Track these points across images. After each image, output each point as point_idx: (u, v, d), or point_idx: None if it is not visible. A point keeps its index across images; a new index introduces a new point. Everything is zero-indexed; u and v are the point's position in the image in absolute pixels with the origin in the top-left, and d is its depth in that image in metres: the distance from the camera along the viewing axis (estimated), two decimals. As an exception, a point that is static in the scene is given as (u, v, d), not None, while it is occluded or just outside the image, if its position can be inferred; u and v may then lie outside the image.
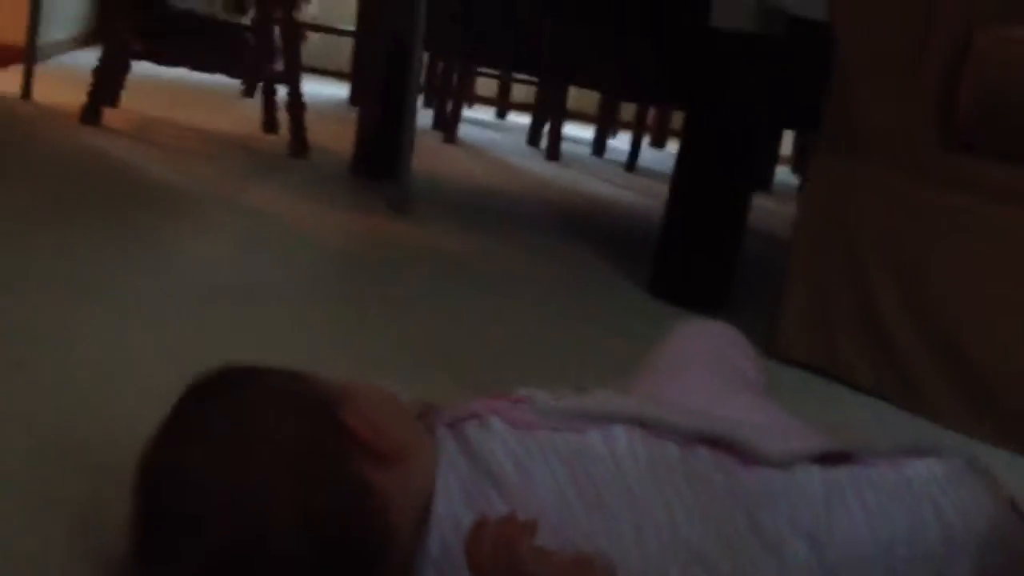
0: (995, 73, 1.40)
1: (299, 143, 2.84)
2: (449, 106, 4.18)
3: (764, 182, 4.15)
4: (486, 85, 5.80)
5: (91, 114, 2.66)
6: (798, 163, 5.09)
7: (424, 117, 4.22)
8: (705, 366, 0.95)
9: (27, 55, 2.92)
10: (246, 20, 3.09)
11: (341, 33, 5.17)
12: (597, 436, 0.75)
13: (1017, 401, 1.35)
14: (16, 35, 3.08)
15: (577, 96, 4.94)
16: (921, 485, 0.79)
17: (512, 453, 0.72)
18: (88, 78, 2.67)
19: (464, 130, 4.28)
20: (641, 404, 0.81)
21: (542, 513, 0.69)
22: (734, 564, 0.74)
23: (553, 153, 4.09)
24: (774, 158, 4.47)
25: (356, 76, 4.67)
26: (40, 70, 3.00)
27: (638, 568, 0.70)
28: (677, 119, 4.27)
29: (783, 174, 4.79)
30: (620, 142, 5.10)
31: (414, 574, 0.67)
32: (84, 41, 4.57)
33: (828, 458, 0.82)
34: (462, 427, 0.75)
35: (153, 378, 1.04)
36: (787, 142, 4.95)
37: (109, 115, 2.77)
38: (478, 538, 0.59)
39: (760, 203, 2.35)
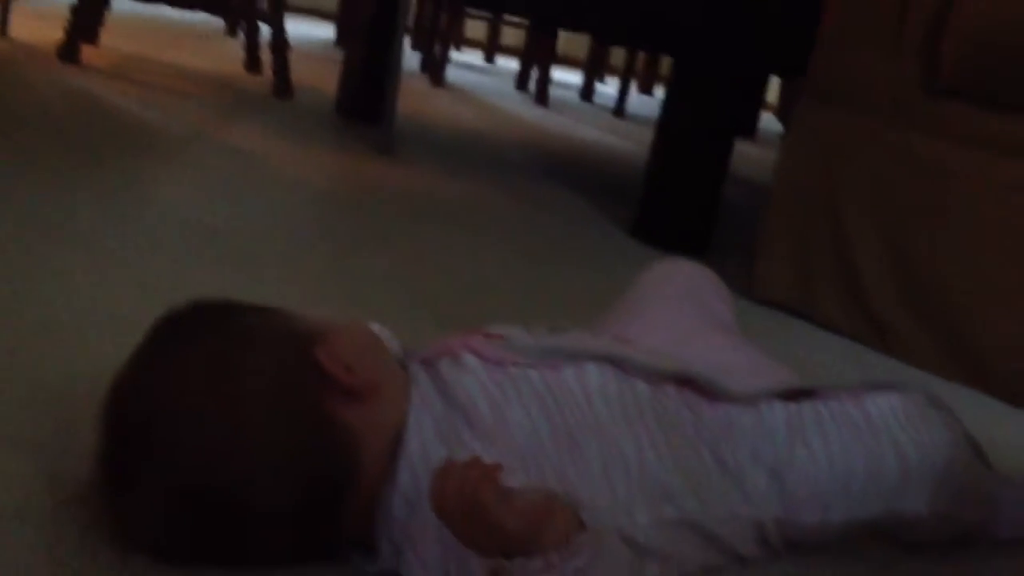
0: (980, 19, 1.40)
1: (283, 83, 2.81)
2: (437, 49, 4.14)
3: (749, 129, 4.15)
4: (475, 28, 5.75)
5: (69, 52, 2.62)
6: (783, 110, 5.08)
7: (411, 59, 4.19)
8: (677, 305, 0.95)
9: (5, -9, 2.88)
10: (229, -43, 3.05)
11: (327, -27, 5.10)
12: (570, 373, 0.76)
13: (990, 344, 1.37)
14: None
15: (566, 41, 4.90)
16: (880, 420, 0.81)
17: (485, 389, 0.72)
18: (66, 14, 2.63)
19: (452, 73, 4.25)
20: (613, 343, 0.82)
21: (513, 449, 0.69)
22: (699, 498, 0.75)
23: (541, 98, 4.07)
24: (759, 105, 4.46)
25: (343, 16, 4.63)
26: (17, 6, 2.95)
27: (607, 503, 0.71)
28: (666, 65, 4.25)
29: (768, 121, 4.78)
30: (608, 88, 5.08)
31: (385, 508, 0.68)
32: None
33: (792, 394, 0.83)
34: (436, 363, 0.76)
35: (130, 317, 1.04)
36: (773, 89, 4.93)
37: (88, 53, 2.74)
38: (442, 482, 0.59)
39: (744, 149, 2.35)
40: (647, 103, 4.82)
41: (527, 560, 0.58)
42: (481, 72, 5.08)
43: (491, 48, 5.60)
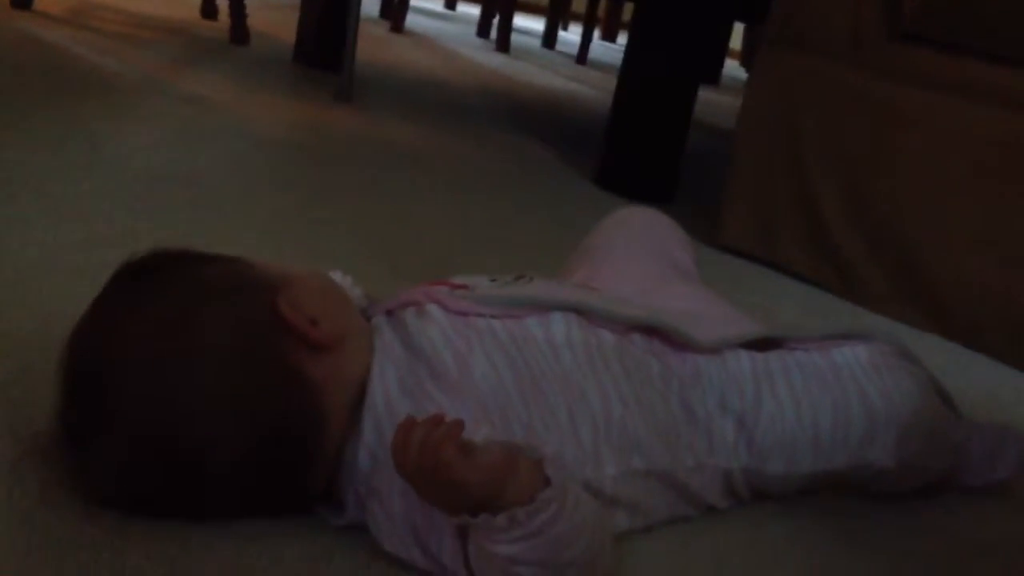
0: (943, -37, 1.39)
1: (240, 30, 2.76)
2: (396, -6, 4.08)
3: (712, 75, 4.14)
4: (435, -26, 5.67)
5: (22, -3, 2.56)
6: (747, 57, 5.07)
7: (371, 5, 4.13)
8: (640, 253, 0.95)
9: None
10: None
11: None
12: (535, 323, 0.75)
13: (950, 289, 1.38)
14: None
15: (527, -14, 4.85)
16: (847, 370, 0.81)
17: (449, 340, 0.71)
18: (18, -41, 2.56)
19: (412, 19, 4.20)
20: (579, 292, 0.81)
21: (478, 400, 0.69)
22: (666, 447, 0.75)
23: (503, 45, 4.03)
24: (723, 51, 4.45)
25: (300, -38, 4.53)
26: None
27: (573, 454, 0.71)
28: (628, 11, 4.22)
29: (732, 68, 4.77)
30: (571, 34, 5.04)
31: (349, 461, 0.67)
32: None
33: (759, 343, 0.83)
34: (399, 314, 0.75)
35: (85, 266, 1.03)
36: (737, 36, 4.91)
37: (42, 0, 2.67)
38: (403, 442, 0.59)
39: (708, 96, 2.34)
40: (610, 50, 4.79)
41: (491, 516, 0.58)
42: (442, 18, 5.02)
43: (452, -6, 5.53)
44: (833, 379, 0.80)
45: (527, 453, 0.61)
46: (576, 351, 0.75)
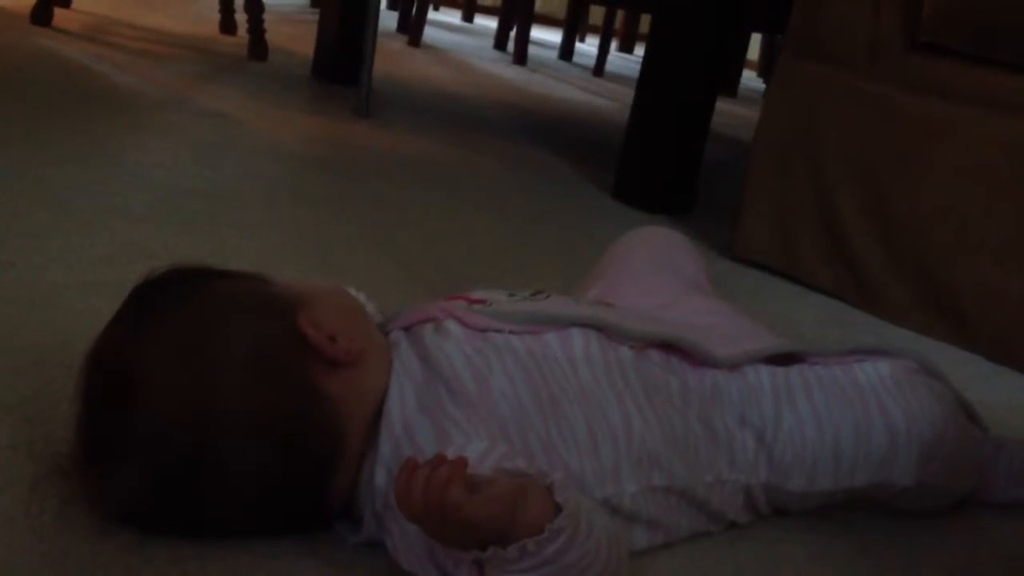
0: (961, -27, 1.39)
1: (258, 45, 2.77)
2: (414, 8, 4.09)
3: (730, 86, 4.13)
4: (452, -13, 5.69)
5: (42, 14, 2.58)
6: (764, 68, 5.06)
7: (388, 19, 4.14)
8: (656, 270, 0.95)
9: (-26, -48, 2.82)
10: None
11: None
12: (553, 339, 0.75)
13: (972, 300, 1.37)
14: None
15: (545, -1, 4.85)
16: (870, 387, 0.80)
17: (468, 357, 0.71)
18: (38, -23, 2.58)
19: (429, 33, 4.21)
20: (596, 308, 0.81)
21: (496, 418, 0.69)
22: (685, 463, 0.74)
23: (520, 57, 4.03)
24: (740, 62, 4.44)
25: (318, -23, 4.56)
26: (-12, -32, 2.90)
27: (593, 471, 0.70)
28: (645, 23, 4.22)
29: (749, 79, 4.76)
30: (588, 46, 5.04)
31: (367, 478, 0.67)
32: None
33: (779, 358, 0.83)
34: (418, 330, 0.74)
35: (105, 282, 1.03)
36: (755, 46, 4.90)
37: (61, 16, 2.69)
38: (407, 485, 0.58)
39: (725, 108, 2.34)
40: (627, 61, 4.79)
41: (501, 549, 0.58)
42: (459, 32, 5.03)
43: (469, 7, 5.54)
44: (855, 396, 0.79)
45: (536, 480, 0.61)
46: (595, 367, 0.74)
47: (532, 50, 4.13)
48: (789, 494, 0.79)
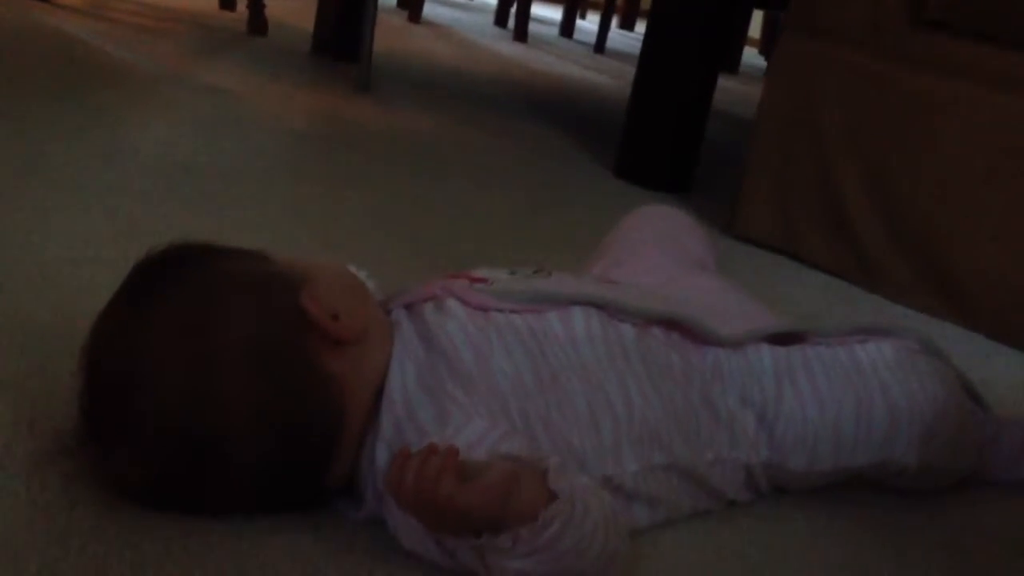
0: (966, -51, 1.38)
1: (258, 20, 2.76)
2: (414, -16, 4.07)
3: (731, 63, 4.11)
4: (452, -37, 5.65)
5: (41, -11, 2.56)
6: (765, 45, 5.04)
7: (388, -5, 4.12)
8: (658, 248, 0.95)
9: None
10: None
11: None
12: (555, 318, 0.75)
13: (975, 279, 1.37)
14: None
15: (545, -25, 4.82)
16: (871, 367, 0.80)
17: (469, 335, 0.71)
18: (37, -49, 2.56)
19: (429, 9, 4.19)
20: (599, 287, 0.81)
21: (496, 395, 0.69)
22: (687, 441, 0.75)
23: (520, 34, 4.01)
24: (741, 39, 4.42)
25: (317, -48, 4.53)
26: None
27: (594, 449, 0.70)
28: (646, 0, 4.20)
29: (750, 56, 4.74)
30: (589, 23, 5.02)
31: (368, 456, 0.67)
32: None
33: (781, 338, 0.83)
34: (419, 309, 0.74)
35: (106, 257, 1.03)
36: (756, 23, 4.88)
37: (60, -10, 2.68)
38: (400, 476, 0.58)
39: (726, 84, 2.33)
40: (628, 38, 4.77)
41: (495, 536, 0.58)
42: (460, 8, 5.00)
43: (469, -17, 5.51)
44: (856, 376, 0.79)
45: (533, 464, 0.61)
46: (596, 346, 0.74)
47: (532, 27, 4.11)
48: (790, 473, 0.79)
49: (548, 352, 0.72)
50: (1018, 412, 1.02)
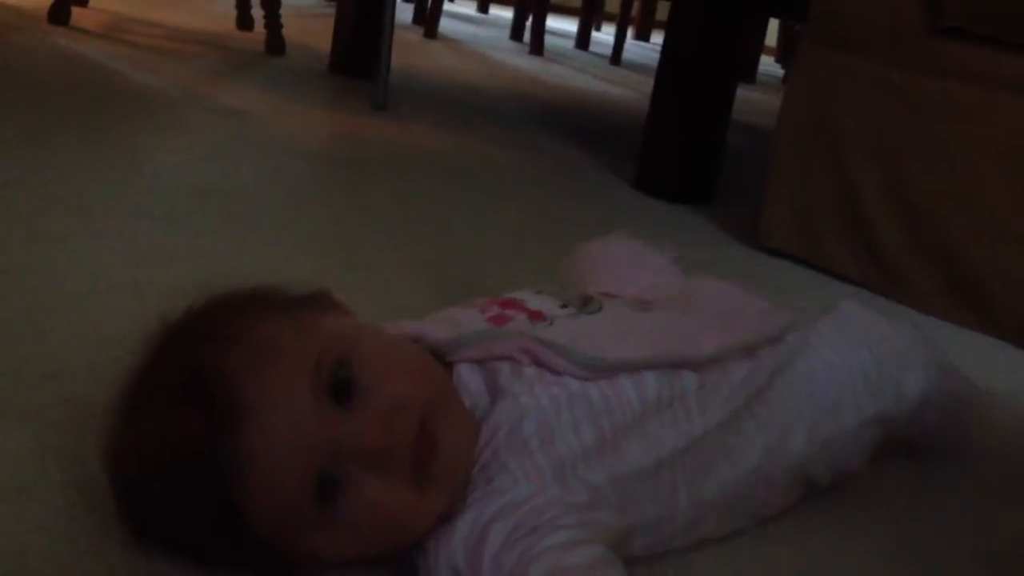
0: (984, -45, 1.37)
1: (275, 41, 2.78)
2: (430, 0, 4.09)
3: (749, 73, 4.11)
4: (467, -22, 5.68)
5: (60, 14, 2.58)
6: (782, 53, 5.03)
7: (404, 11, 4.14)
8: (638, 270, 0.96)
9: (-9, -47, 2.83)
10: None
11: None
12: (629, 385, 0.70)
13: (998, 286, 1.35)
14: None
15: (560, -12, 4.83)
16: (846, 321, 0.85)
17: (541, 411, 0.66)
18: (55, -24, 2.59)
19: (445, 24, 4.20)
20: (668, 343, 0.74)
21: (553, 461, 0.65)
22: (734, 475, 0.74)
23: (536, 47, 4.02)
24: (758, 48, 4.41)
25: (333, -30, 4.56)
26: (5, -31, 2.91)
27: (653, 501, 0.69)
28: (662, 10, 4.19)
29: (767, 64, 4.73)
30: (605, 35, 5.02)
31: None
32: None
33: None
34: (493, 368, 0.69)
35: (129, 284, 1.03)
36: (772, 32, 4.87)
37: (78, 14, 2.70)
38: None
39: (743, 94, 2.32)
40: (644, 49, 4.77)
41: None
42: (475, 23, 5.02)
43: (484, -2, 5.53)
44: (849, 329, 0.83)
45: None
46: (661, 403, 0.71)
47: (548, 40, 4.12)
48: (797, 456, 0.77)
49: (616, 420, 0.68)
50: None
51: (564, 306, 0.76)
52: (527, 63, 3.73)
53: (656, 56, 1.94)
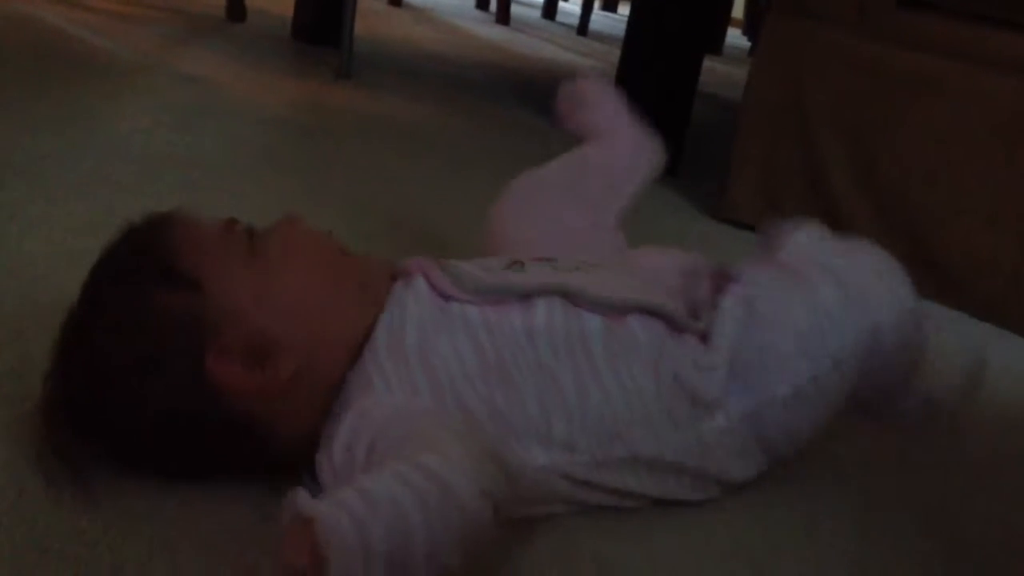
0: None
1: (236, 6, 2.73)
2: (394, -33, 4.04)
3: (715, 45, 4.11)
4: (432, -54, 5.61)
5: (16, -24, 2.53)
6: (749, 25, 5.03)
7: (368, -21, 4.09)
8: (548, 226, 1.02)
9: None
10: None
11: None
12: (516, 311, 0.73)
13: (965, 262, 1.36)
14: None
15: (526, -43, 4.79)
16: (796, 258, 0.88)
17: (419, 318, 0.71)
18: (11, -62, 2.53)
19: (410, -7, 4.16)
20: (567, 277, 0.76)
21: (430, 378, 0.68)
22: (654, 433, 0.72)
23: (503, 16, 3.99)
24: (725, 20, 4.41)
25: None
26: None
27: (540, 437, 0.69)
28: (628, -20, 4.18)
29: (734, 36, 4.73)
30: (572, 5, 4.99)
31: (325, 453, 0.67)
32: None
33: (718, 284, 0.83)
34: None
35: (86, 250, 1.01)
36: (739, 4, 4.87)
37: (36, -22, 2.64)
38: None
39: (710, 65, 2.31)
40: (611, 20, 4.75)
41: None
42: (441, -9, 4.97)
43: (450, -34, 5.48)
44: (790, 279, 0.82)
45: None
46: (555, 338, 0.72)
47: (514, 9, 4.09)
48: (782, 405, 0.76)
49: (500, 345, 0.70)
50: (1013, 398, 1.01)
51: (487, 270, 0.78)
52: (493, 32, 3.70)
53: (623, 27, 1.93)
